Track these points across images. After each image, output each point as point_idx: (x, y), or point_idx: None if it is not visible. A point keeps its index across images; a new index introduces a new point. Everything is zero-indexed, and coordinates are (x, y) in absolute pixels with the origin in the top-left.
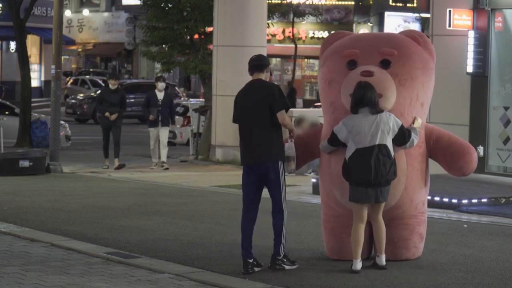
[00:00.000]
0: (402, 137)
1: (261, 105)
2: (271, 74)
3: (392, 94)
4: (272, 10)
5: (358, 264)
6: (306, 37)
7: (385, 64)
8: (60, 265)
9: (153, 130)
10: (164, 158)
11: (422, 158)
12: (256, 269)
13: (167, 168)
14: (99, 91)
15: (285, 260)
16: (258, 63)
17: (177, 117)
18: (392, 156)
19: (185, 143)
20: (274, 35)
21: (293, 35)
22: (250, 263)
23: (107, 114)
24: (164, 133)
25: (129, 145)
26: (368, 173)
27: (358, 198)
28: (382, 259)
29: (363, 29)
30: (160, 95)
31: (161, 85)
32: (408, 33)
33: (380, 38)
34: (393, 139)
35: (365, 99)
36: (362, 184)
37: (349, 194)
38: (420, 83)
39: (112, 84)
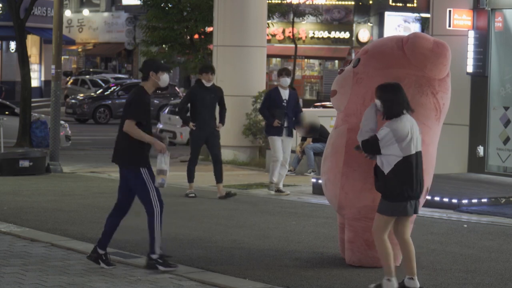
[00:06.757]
0: None
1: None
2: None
3: (345, 91)
4: (272, 10)
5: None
6: (306, 37)
7: (356, 62)
8: (60, 265)
9: (278, 139)
10: (281, 182)
11: (364, 160)
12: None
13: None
14: (188, 91)
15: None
16: (140, 69)
17: (177, 117)
18: None
19: (185, 143)
20: (274, 35)
21: (293, 35)
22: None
23: (191, 125)
24: (288, 147)
25: None
26: (411, 184)
27: (395, 211)
28: (416, 283)
29: (363, 29)
30: (285, 94)
31: (283, 80)
32: (405, 36)
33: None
34: None
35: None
36: (404, 198)
37: (381, 206)
38: (378, 84)
39: (207, 80)
